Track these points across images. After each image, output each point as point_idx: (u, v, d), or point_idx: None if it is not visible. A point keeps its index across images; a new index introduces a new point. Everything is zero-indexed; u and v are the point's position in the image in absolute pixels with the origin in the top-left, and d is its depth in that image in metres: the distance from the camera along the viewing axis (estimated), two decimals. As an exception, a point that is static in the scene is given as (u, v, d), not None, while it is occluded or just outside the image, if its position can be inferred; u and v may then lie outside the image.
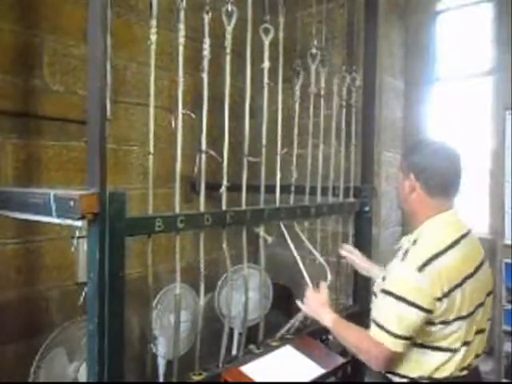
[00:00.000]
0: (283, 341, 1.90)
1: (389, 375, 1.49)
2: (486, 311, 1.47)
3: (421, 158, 1.47)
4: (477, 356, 1.46)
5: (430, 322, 1.37)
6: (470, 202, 2.69)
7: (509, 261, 2.58)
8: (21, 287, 2.14)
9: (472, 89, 2.96)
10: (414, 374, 1.42)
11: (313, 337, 1.96)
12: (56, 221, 1.24)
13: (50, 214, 1.24)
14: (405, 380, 1.44)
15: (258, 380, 1.61)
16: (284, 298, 2.06)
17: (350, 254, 2.01)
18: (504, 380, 2.59)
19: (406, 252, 1.41)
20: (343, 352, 1.93)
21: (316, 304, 1.68)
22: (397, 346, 1.36)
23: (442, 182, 1.46)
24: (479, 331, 1.45)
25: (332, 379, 1.87)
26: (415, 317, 1.34)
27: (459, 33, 3.00)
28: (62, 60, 2.26)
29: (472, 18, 2.95)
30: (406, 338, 1.36)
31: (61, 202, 1.21)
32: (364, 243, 2.32)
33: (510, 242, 2.58)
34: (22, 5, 2.11)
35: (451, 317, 1.36)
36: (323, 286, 1.76)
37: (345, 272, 2.28)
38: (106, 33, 1.21)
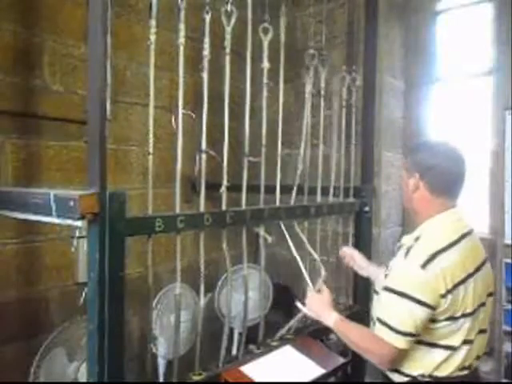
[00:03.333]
0: (283, 341, 1.90)
1: (388, 373, 1.49)
2: (487, 312, 1.48)
3: (425, 158, 1.48)
4: (477, 357, 1.46)
5: (433, 320, 1.37)
6: (470, 202, 2.69)
7: (509, 261, 2.58)
8: (21, 287, 2.14)
9: (472, 89, 2.96)
10: (416, 372, 1.42)
11: (313, 337, 1.96)
12: (56, 221, 1.24)
13: (50, 214, 1.24)
14: (405, 379, 1.44)
15: (257, 380, 1.61)
16: (284, 298, 2.06)
17: (351, 255, 1.99)
18: (504, 380, 2.59)
19: (409, 249, 1.41)
20: (343, 352, 1.93)
21: (319, 305, 1.65)
22: (401, 342, 1.37)
23: (445, 182, 1.48)
24: (481, 331, 1.45)
25: (332, 379, 1.87)
26: (420, 313, 1.34)
27: (459, 33, 3.00)
28: (62, 60, 2.26)
29: (472, 18, 2.95)
30: (410, 335, 1.36)
31: (61, 202, 1.21)
32: (364, 243, 2.32)
33: (510, 242, 2.58)
34: (22, 5, 2.11)
35: (457, 314, 1.37)
36: (323, 285, 1.75)
37: (345, 272, 2.28)
38: (106, 33, 1.21)
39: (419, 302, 1.33)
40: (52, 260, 2.24)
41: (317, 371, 1.74)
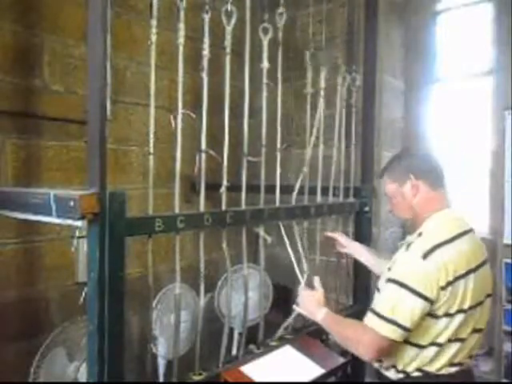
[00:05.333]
0: (283, 341, 1.90)
1: (383, 371, 1.50)
2: (484, 312, 1.47)
3: (413, 160, 1.58)
4: (470, 356, 1.45)
5: (433, 315, 1.36)
6: (470, 202, 2.69)
7: (509, 261, 2.57)
8: (21, 287, 2.14)
9: (472, 89, 2.96)
10: (410, 368, 1.42)
11: (313, 337, 1.96)
12: (56, 221, 1.24)
13: (50, 214, 1.24)
14: (400, 375, 1.44)
15: (257, 380, 1.61)
16: (284, 298, 2.06)
17: (334, 238, 2.02)
18: (504, 380, 2.59)
19: (411, 243, 1.42)
20: (343, 352, 1.93)
21: (309, 302, 1.64)
22: (389, 331, 1.33)
23: (437, 174, 1.54)
24: (476, 330, 1.44)
25: (332, 379, 1.87)
26: (419, 306, 1.32)
27: (459, 33, 3.00)
28: (62, 60, 2.26)
29: (472, 17, 2.95)
30: (402, 327, 1.33)
31: (61, 201, 1.21)
32: (364, 243, 2.31)
33: (510, 242, 2.58)
34: (22, 5, 2.11)
35: (453, 309, 1.36)
36: (317, 282, 1.72)
37: (345, 272, 2.28)
38: (106, 33, 1.21)
39: (419, 294, 1.32)
40: (52, 260, 2.24)
41: (317, 371, 1.74)
